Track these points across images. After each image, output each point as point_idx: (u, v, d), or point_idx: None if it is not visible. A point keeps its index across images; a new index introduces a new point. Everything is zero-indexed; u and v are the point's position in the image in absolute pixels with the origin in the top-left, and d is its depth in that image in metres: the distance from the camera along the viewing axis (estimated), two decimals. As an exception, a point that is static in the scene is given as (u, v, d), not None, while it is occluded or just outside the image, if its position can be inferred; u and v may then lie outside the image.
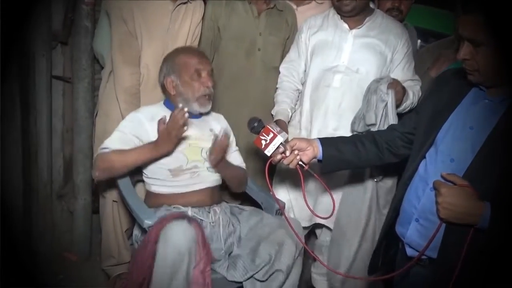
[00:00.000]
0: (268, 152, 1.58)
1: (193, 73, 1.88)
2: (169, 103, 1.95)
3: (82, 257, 2.65)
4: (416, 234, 1.42)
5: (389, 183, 2.12)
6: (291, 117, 2.25)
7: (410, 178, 1.49)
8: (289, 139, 1.64)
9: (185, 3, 2.16)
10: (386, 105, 1.92)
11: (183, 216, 1.70)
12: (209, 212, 1.89)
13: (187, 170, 1.87)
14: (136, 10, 2.05)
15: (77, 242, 2.65)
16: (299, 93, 2.27)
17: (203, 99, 1.90)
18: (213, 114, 2.08)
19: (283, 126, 2.10)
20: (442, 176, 1.31)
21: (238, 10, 2.34)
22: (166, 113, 1.84)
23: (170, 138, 1.74)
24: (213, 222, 1.87)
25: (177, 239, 1.59)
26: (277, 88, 2.29)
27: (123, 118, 2.06)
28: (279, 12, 2.38)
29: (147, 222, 1.74)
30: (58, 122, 2.55)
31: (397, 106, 2.00)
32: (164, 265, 1.60)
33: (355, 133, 2.00)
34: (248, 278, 1.80)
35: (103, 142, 1.83)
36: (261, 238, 1.85)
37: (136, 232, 1.95)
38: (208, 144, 1.88)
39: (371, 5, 2.19)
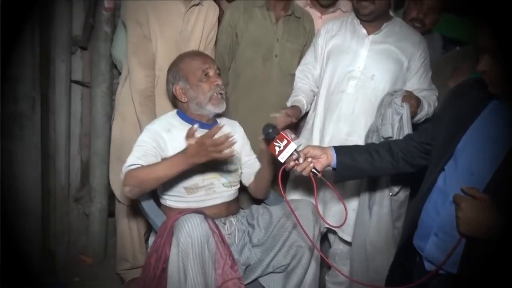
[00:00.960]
0: (282, 158, 1.58)
1: (200, 74, 1.86)
2: (182, 113, 1.91)
3: (97, 260, 2.68)
4: (435, 249, 1.40)
5: (401, 196, 2.09)
6: (306, 110, 2.25)
7: (429, 191, 1.47)
8: (303, 146, 1.64)
9: (197, 5, 2.18)
10: (401, 118, 1.91)
11: (199, 212, 1.67)
12: (224, 224, 1.87)
13: (202, 187, 1.84)
14: (151, 13, 2.09)
15: (93, 245, 2.69)
16: (314, 95, 2.27)
17: (215, 99, 1.86)
18: (228, 120, 2.05)
19: (296, 110, 2.09)
20: (462, 190, 1.28)
21: (256, 16, 2.36)
22: (181, 124, 1.86)
23: (204, 154, 1.61)
24: (229, 234, 1.85)
25: (191, 227, 1.55)
26: (293, 91, 2.28)
27: (139, 121, 2.13)
28: (297, 19, 2.39)
29: None
30: (76, 126, 2.59)
31: (412, 117, 1.98)
32: (177, 255, 1.57)
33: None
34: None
35: (126, 160, 1.75)
36: (276, 246, 1.84)
37: (152, 239, 1.95)
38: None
39: (390, 13, 2.19)
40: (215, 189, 1.86)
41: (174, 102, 1.95)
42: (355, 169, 1.68)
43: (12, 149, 2.18)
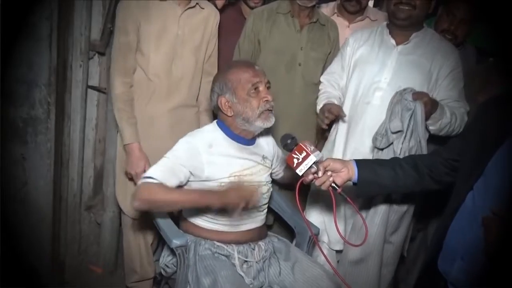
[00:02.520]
0: (300, 171, 1.57)
1: (250, 88, 1.75)
2: (223, 124, 1.83)
3: (108, 270, 2.68)
4: (462, 274, 1.38)
5: (404, 208, 2.03)
6: None
7: (456, 211, 1.45)
8: (323, 158, 1.62)
9: (193, 7, 2.17)
10: (412, 113, 1.85)
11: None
12: (254, 249, 1.83)
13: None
14: (143, 19, 2.09)
15: (103, 255, 2.69)
16: (341, 102, 2.23)
17: (265, 114, 1.78)
18: (264, 135, 1.98)
19: (335, 107, 2.04)
20: (492, 211, 1.26)
21: (279, 23, 2.35)
22: (224, 139, 1.81)
23: (239, 203, 1.61)
24: (258, 261, 1.81)
25: None
26: (319, 96, 2.24)
27: (119, 127, 2.10)
28: (322, 26, 2.38)
29: (175, 242, 1.72)
30: (90, 132, 2.61)
31: (427, 117, 1.92)
32: None
33: (376, 150, 1.96)
34: None
35: (149, 169, 1.73)
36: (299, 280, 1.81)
37: (165, 252, 1.93)
38: (261, 177, 1.84)
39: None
40: (249, 213, 1.82)
41: (218, 111, 1.86)
42: (378, 185, 1.65)
43: (25, 154, 2.20)
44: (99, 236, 2.69)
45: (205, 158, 1.74)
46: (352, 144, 2.11)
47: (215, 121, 1.88)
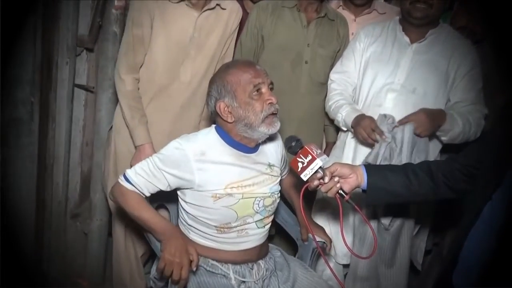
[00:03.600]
0: (305, 176, 1.53)
1: (251, 90, 1.65)
2: (222, 129, 1.74)
3: (95, 283, 2.64)
4: None
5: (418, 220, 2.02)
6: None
7: (473, 222, 1.42)
8: (330, 163, 1.60)
9: (212, 8, 2.13)
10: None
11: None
12: (252, 269, 1.78)
13: (235, 227, 1.73)
14: (158, 14, 2.06)
15: (90, 267, 2.64)
16: None
17: (270, 119, 1.68)
18: (271, 139, 1.88)
19: (368, 119, 2.00)
20: None
21: (285, 18, 2.31)
22: (223, 146, 1.73)
23: (174, 261, 1.58)
24: (256, 281, 1.76)
25: None
26: (332, 96, 2.21)
27: (129, 128, 2.08)
28: (331, 21, 2.35)
29: None
30: (77, 135, 2.58)
31: (434, 135, 1.92)
32: None
33: (388, 156, 1.93)
34: None
35: (131, 166, 1.72)
36: None
37: (155, 265, 1.86)
38: (264, 188, 1.75)
39: None
40: (248, 230, 1.76)
41: (217, 117, 1.76)
42: (389, 193, 1.62)
43: (7, 158, 2.16)
44: (86, 246, 2.65)
45: (195, 165, 1.66)
46: (363, 150, 2.07)
47: (213, 126, 1.80)
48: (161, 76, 2.12)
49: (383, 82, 2.04)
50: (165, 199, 1.98)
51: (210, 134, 1.75)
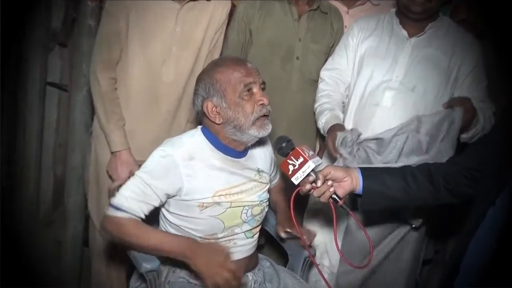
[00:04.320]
0: (296, 180, 1.49)
1: (242, 90, 1.61)
2: (209, 131, 1.70)
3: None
4: None
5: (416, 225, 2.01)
6: None
7: (475, 228, 1.41)
8: (323, 166, 1.56)
9: (195, 0, 2.07)
10: (448, 122, 1.83)
11: None
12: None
13: (222, 238, 1.69)
14: (134, 7, 1.99)
15: (65, 279, 2.59)
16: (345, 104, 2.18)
17: (261, 121, 1.64)
18: (260, 142, 1.83)
19: (341, 128, 2.00)
20: None
21: (274, 11, 2.28)
22: (207, 147, 1.68)
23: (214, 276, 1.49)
24: None
25: None
26: (319, 97, 2.19)
27: (106, 133, 2.01)
28: (324, 15, 2.32)
29: (146, 266, 1.63)
30: (50, 136, 2.55)
31: (464, 130, 1.88)
32: None
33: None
34: None
35: (116, 194, 1.61)
36: None
37: (134, 277, 1.83)
38: (253, 196, 1.71)
39: None
40: (237, 241, 1.72)
41: (203, 117, 1.72)
42: (386, 197, 1.58)
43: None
44: (59, 256, 2.59)
45: (184, 171, 1.61)
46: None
47: (198, 127, 1.74)
48: (141, 76, 2.04)
49: (380, 79, 2.01)
50: None
51: (196, 136, 1.69)
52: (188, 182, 1.60)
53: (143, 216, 1.60)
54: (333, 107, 2.10)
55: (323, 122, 2.08)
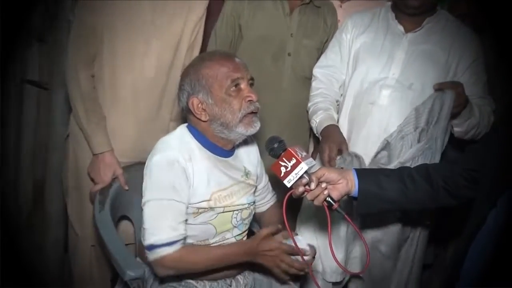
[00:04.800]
0: (288, 182, 1.47)
1: (229, 85, 1.60)
2: (195, 130, 1.68)
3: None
4: None
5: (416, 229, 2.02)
6: None
7: (476, 231, 1.41)
8: (317, 167, 1.54)
9: None
10: (438, 104, 1.82)
11: None
12: (230, 285, 1.74)
13: (213, 244, 1.68)
14: (110, 0, 1.95)
15: (46, 283, 2.55)
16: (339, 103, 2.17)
17: (248, 119, 1.63)
18: (246, 142, 1.83)
19: (336, 130, 2.01)
20: None
21: (265, 5, 2.27)
22: (196, 146, 1.65)
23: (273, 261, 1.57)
24: None
25: None
26: (313, 96, 2.17)
27: (86, 135, 1.95)
28: (317, 9, 2.31)
29: (130, 274, 1.60)
30: (29, 137, 2.52)
31: (454, 116, 1.87)
32: None
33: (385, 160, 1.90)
34: None
35: (147, 235, 1.53)
36: None
37: (118, 286, 1.80)
38: (242, 199, 1.70)
39: None
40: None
41: (189, 114, 1.69)
42: (383, 200, 1.56)
43: None
44: (39, 263, 2.57)
45: (190, 170, 1.59)
46: (356, 152, 1.98)
47: (183, 126, 1.72)
48: (121, 71, 1.99)
49: (376, 77, 1.99)
50: (127, 210, 1.92)
51: (184, 136, 1.67)
52: (192, 185, 1.59)
53: (186, 234, 1.57)
54: (328, 106, 2.09)
55: (317, 122, 2.06)
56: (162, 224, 1.52)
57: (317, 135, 2.10)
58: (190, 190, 1.58)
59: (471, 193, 1.53)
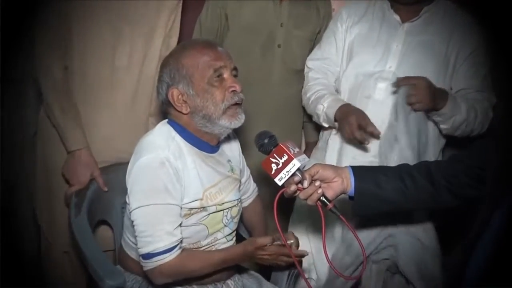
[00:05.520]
0: (279, 180, 1.45)
1: (211, 75, 1.58)
2: (177, 124, 1.64)
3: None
4: None
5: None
6: None
7: (479, 235, 1.39)
8: (311, 165, 1.53)
9: None
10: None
11: None
12: None
13: (205, 246, 1.67)
14: None
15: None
16: None
17: (232, 110, 1.61)
18: (227, 136, 1.83)
19: (355, 108, 1.96)
20: None
21: None
22: (185, 146, 1.62)
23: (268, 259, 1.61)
24: None
25: None
26: (312, 86, 2.14)
27: (61, 133, 1.90)
28: None
29: (109, 283, 1.57)
30: None
31: (430, 111, 1.88)
32: None
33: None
34: None
35: (143, 243, 1.52)
36: None
37: None
38: (231, 195, 1.70)
39: None
40: (218, 246, 1.71)
41: (169, 107, 1.66)
42: (381, 200, 1.55)
43: None
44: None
45: (180, 173, 1.57)
46: (349, 151, 2.01)
47: (165, 121, 1.69)
48: (91, 61, 1.94)
49: (372, 69, 1.99)
50: (107, 214, 1.90)
51: (170, 132, 1.63)
52: (183, 184, 1.57)
53: (182, 237, 1.57)
54: (333, 91, 2.07)
55: (325, 106, 2.03)
56: (159, 231, 1.50)
57: (323, 123, 2.08)
58: (183, 190, 1.55)
59: (475, 192, 1.51)
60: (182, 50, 1.64)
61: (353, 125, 1.87)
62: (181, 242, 1.54)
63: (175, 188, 1.53)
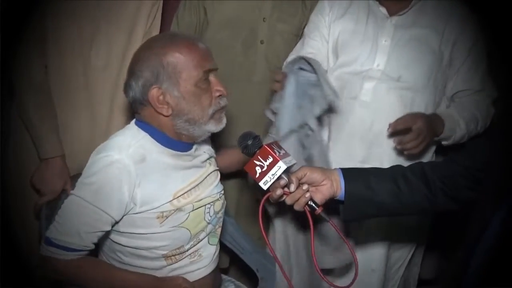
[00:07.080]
0: (264, 184, 1.44)
1: (201, 77, 1.55)
2: (150, 126, 1.61)
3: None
4: None
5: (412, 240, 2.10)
6: None
7: (478, 238, 1.39)
8: (297, 167, 1.52)
9: None
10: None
11: None
12: None
13: (188, 250, 1.65)
14: None
15: None
16: None
17: (218, 114, 1.61)
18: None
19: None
20: None
21: None
22: (157, 148, 1.60)
23: None
24: None
25: None
26: None
27: (34, 131, 1.89)
28: None
29: None
30: None
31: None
32: None
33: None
34: None
35: (53, 227, 1.52)
36: None
37: None
38: (212, 189, 1.71)
39: None
40: (201, 250, 1.69)
41: (142, 107, 1.61)
42: (372, 204, 1.55)
43: None
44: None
45: (139, 177, 1.53)
46: (336, 155, 2.01)
47: (133, 122, 1.66)
48: (67, 59, 1.94)
49: (358, 68, 1.99)
50: None
51: (136, 135, 1.60)
52: (143, 190, 1.53)
53: (92, 247, 1.54)
54: None
55: None
56: (71, 227, 1.50)
57: None
58: (136, 193, 1.52)
59: (473, 194, 1.51)
60: (164, 45, 1.57)
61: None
62: (86, 251, 1.52)
63: (114, 195, 1.50)
